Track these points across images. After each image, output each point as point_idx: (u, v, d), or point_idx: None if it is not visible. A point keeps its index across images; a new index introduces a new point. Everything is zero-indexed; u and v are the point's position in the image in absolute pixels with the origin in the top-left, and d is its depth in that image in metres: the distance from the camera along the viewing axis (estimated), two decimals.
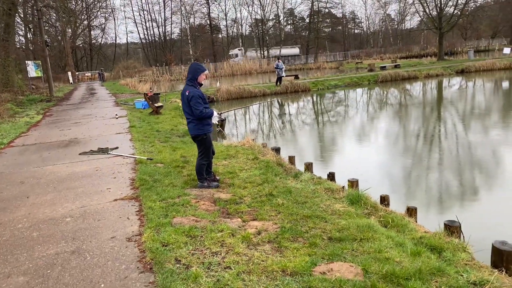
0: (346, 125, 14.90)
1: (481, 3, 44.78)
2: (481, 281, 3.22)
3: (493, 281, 3.20)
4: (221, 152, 8.27)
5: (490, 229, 5.23)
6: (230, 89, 24.72)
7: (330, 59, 61.44)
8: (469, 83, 25.43)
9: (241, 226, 4.43)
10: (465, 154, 9.64)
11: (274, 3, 67.61)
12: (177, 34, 71.93)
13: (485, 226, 5.44)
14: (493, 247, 3.60)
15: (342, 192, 5.55)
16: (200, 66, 5.73)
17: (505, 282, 3.25)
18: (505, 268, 3.46)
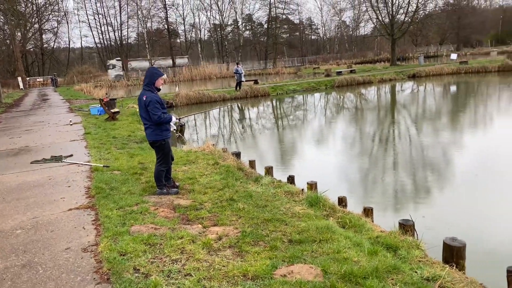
0: (305, 129, 15.15)
1: (429, 11, 46.98)
2: (434, 276, 3.36)
3: (444, 276, 3.35)
4: (181, 157, 8.17)
5: (441, 227, 5.47)
6: (190, 94, 24.49)
7: (288, 64, 62.34)
8: (420, 87, 26.59)
9: (202, 232, 4.39)
10: (418, 155, 10.05)
11: (232, 9, 67.79)
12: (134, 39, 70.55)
13: (437, 224, 5.70)
14: (444, 244, 3.77)
15: (302, 194, 5.64)
16: (157, 70, 5.65)
17: (455, 276, 3.41)
18: (455, 263, 3.63)
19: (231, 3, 66.55)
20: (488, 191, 7.12)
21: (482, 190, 7.20)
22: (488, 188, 7.27)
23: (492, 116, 14.86)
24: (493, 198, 6.78)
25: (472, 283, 3.29)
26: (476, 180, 7.77)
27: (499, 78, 27.00)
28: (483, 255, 4.65)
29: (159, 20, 66.45)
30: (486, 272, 3.79)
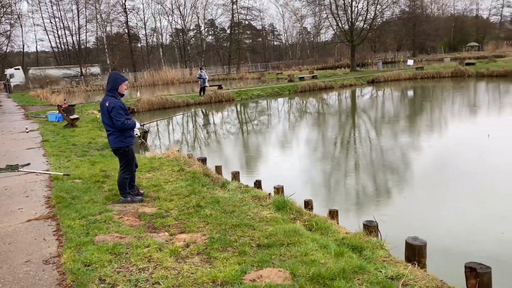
0: (270, 133, 15.28)
1: (387, 18, 48.64)
2: (397, 275, 3.48)
3: (407, 274, 3.47)
4: (144, 164, 8.02)
5: (403, 226, 5.67)
6: (152, 100, 24.11)
7: (251, 69, 62.70)
8: (379, 92, 27.47)
9: (169, 239, 4.33)
10: (378, 158, 10.37)
11: (194, 14, 67.44)
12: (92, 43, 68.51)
13: (399, 224, 5.90)
14: (406, 243, 3.91)
15: (269, 199, 5.68)
16: (120, 75, 5.55)
17: (417, 274, 3.54)
18: (417, 262, 3.77)
19: (193, 8, 66.31)
20: (444, 190, 7.45)
21: (439, 190, 7.52)
22: (444, 188, 7.60)
23: (446, 119, 15.57)
24: (449, 197, 7.09)
25: (433, 280, 3.43)
26: (433, 181, 8.11)
27: (452, 83, 28.35)
28: (443, 252, 4.85)
29: (119, 24, 65.11)
30: (446, 268, 3.97)
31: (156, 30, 69.22)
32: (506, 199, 6.77)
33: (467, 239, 5.46)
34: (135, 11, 65.35)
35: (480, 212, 6.33)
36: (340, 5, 42.73)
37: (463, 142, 11.23)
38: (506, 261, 4.78)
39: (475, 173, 8.34)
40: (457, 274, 3.51)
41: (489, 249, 5.10)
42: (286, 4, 79.05)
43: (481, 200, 6.83)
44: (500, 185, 7.45)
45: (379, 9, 43.63)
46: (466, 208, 6.54)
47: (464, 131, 12.74)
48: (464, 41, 73.46)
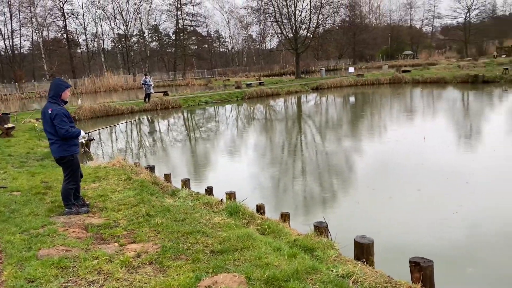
0: (219, 140, 15.26)
1: (328, 27, 50.51)
2: (348, 273, 3.62)
3: (357, 272, 3.62)
4: (89, 174, 7.71)
5: (352, 226, 5.89)
6: (94, 107, 23.22)
7: (198, 76, 62.28)
8: (323, 99, 28.38)
9: (119, 250, 4.20)
10: (324, 161, 10.70)
11: (137, 19, 65.83)
12: (28, 48, 64.80)
13: (348, 224, 6.12)
14: (355, 242, 4.08)
15: (221, 205, 5.68)
16: (63, 82, 5.32)
17: (366, 271, 3.70)
18: (365, 259, 3.94)
19: (136, 14, 64.75)
20: (387, 190, 7.83)
21: (382, 190, 7.89)
22: (387, 188, 7.99)
23: (386, 123, 16.40)
24: (392, 197, 7.47)
25: (381, 276, 3.60)
26: (376, 181, 8.50)
27: (391, 90, 29.93)
28: (389, 249, 5.10)
29: (57, 29, 62.14)
30: (392, 264, 4.17)
31: (97, 35, 66.77)
32: (441, 198, 7.24)
33: (410, 236, 5.78)
34: (74, 15, 62.65)
35: (421, 210, 6.73)
36: (284, 14, 43.75)
37: (402, 144, 11.89)
38: (445, 254, 5.11)
39: (413, 173, 8.85)
40: (403, 269, 3.71)
41: (430, 244, 5.43)
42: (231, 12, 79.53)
43: (420, 198, 7.26)
44: (436, 185, 7.97)
45: (321, 18, 45.22)
46: (408, 207, 6.93)
47: (403, 135, 13.48)
48: (400, 49, 77.91)
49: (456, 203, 6.93)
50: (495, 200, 6.97)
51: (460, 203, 6.90)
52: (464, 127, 14.48)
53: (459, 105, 20.34)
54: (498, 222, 6.10)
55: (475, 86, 27.25)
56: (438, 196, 7.32)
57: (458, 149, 11.08)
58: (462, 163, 9.50)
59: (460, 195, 7.31)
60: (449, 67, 39.33)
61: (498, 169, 8.75)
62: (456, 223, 6.14)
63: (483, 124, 14.87)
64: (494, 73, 30.07)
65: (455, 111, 18.06)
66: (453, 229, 5.93)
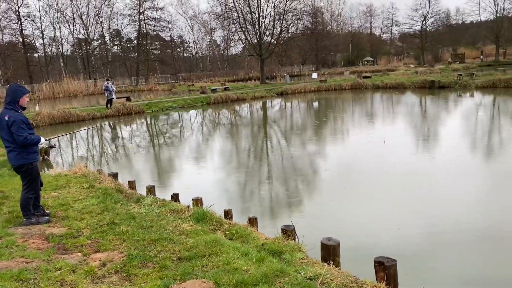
0: (184, 146, 15.11)
1: (291, 34, 51.23)
2: (315, 275, 3.68)
3: (324, 273, 3.69)
4: (49, 183, 7.44)
5: (318, 228, 5.99)
6: (53, 113, 22.41)
7: (161, 81, 61.44)
8: (287, 104, 28.72)
9: (83, 260, 4.08)
10: (290, 165, 10.82)
11: (98, 23, 64.19)
12: None
13: (314, 226, 6.22)
14: (321, 244, 4.15)
15: (188, 211, 5.63)
16: (21, 87, 5.13)
17: (333, 272, 3.78)
18: (332, 261, 4.02)
19: (97, 18, 63.19)
20: (352, 193, 8.04)
21: (347, 192, 8.09)
22: (351, 190, 8.20)
23: (348, 127, 16.81)
24: (356, 198, 7.67)
25: (347, 276, 3.69)
26: (341, 184, 8.70)
27: (352, 95, 30.71)
28: (355, 250, 5.23)
29: (12, 33, 59.56)
30: (358, 265, 4.28)
31: (56, 39, 64.57)
32: (402, 198, 7.51)
33: (375, 236, 5.95)
34: (30, 18, 60.32)
35: (384, 211, 6.94)
36: (248, 20, 44.01)
37: (364, 147, 12.22)
38: (408, 253, 5.30)
39: (375, 175, 9.12)
40: (368, 268, 3.81)
41: (394, 244, 5.61)
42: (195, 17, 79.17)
43: (383, 199, 7.49)
44: (397, 186, 8.25)
45: (285, 25, 45.80)
46: (372, 208, 7.13)
47: (365, 138, 13.86)
48: (361, 55, 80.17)
49: (417, 203, 7.20)
50: (452, 200, 7.30)
51: (420, 203, 7.17)
52: (422, 130, 15.07)
53: (417, 110, 21.15)
54: (455, 220, 6.39)
55: (432, 91, 28.44)
56: (400, 197, 7.59)
57: (417, 151, 11.52)
58: (421, 164, 9.88)
59: (420, 196, 7.60)
60: (407, 73, 40.85)
61: (454, 170, 9.17)
62: (417, 222, 6.37)
63: (440, 127, 15.53)
64: (449, 78, 31.49)
65: (413, 115, 18.77)
66: (414, 228, 6.16)
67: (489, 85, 27.58)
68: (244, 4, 43.64)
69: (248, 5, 43.26)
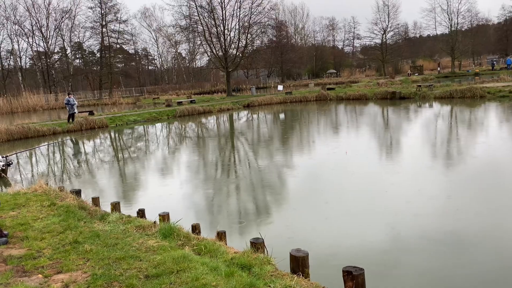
0: (149, 160, 14.84)
1: (257, 47, 51.81)
2: (285, 287, 3.68)
3: (293, 285, 3.69)
4: (7, 201, 7.11)
5: (287, 240, 6.01)
6: (11, 129, 21.54)
7: (126, 94, 60.43)
8: (254, 116, 28.88)
9: (43, 282, 3.90)
10: (257, 177, 10.84)
11: (59, 36, 62.56)
12: None
13: (283, 238, 6.23)
14: (290, 255, 4.16)
15: (154, 227, 5.51)
16: None
17: (303, 284, 3.78)
18: (301, 272, 4.03)
19: (58, 30, 61.60)
20: (318, 203, 8.12)
21: (314, 203, 8.17)
22: (318, 201, 8.29)
23: (314, 138, 17.07)
24: (323, 209, 7.76)
25: (316, 287, 3.71)
26: (308, 195, 8.78)
27: (317, 106, 31.29)
28: (324, 260, 5.27)
29: None
30: (327, 275, 4.32)
31: (14, 52, 62.36)
32: (367, 207, 7.67)
33: (342, 245, 6.02)
34: None
35: (350, 220, 7.05)
36: (214, 33, 44.20)
37: (330, 158, 12.44)
38: (375, 261, 5.39)
39: (341, 185, 9.28)
40: (336, 279, 3.85)
41: (361, 252, 5.70)
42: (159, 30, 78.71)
43: (349, 209, 7.62)
44: (361, 194, 8.42)
45: (250, 38, 46.29)
46: (339, 217, 7.24)
47: (330, 149, 14.11)
48: (324, 68, 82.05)
49: (381, 211, 7.37)
50: (414, 207, 7.52)
51: (384, 211, 7.35)
52: (385, 140, 15.51)
53: (380, 120, 21.79)
54: (418, 227, 6.58)
55: (393, 102, 29.42)
56: (365, 206, 7.74)
57: (380, 160, 11.83)
58: (384, 173, 10.14)
59: (384, 203, 7.78)
60: (369, 85, 42.09)
61: (416, 177, 9.48)
62: (382, 230, 6.51)
63: (402, 137, 16.04)
64: (409, 90, 32.69)
65: (376, 125, 19.31)
66: (380, 236, 6.29)
67: (446, 96, 28.83)
68: (209, 18, 43.85)
69: (213, 18, 43.51)
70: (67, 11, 61.88)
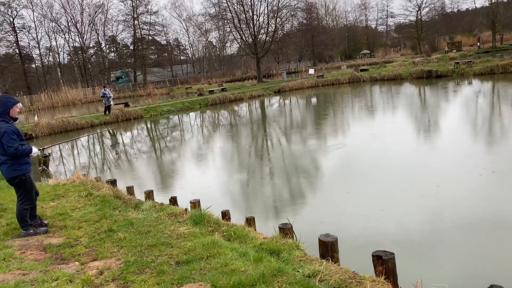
0: (184, 149, 15.08)
1: (287, 31, 51.16)
2: (314, 272, 3.64)
3: (323, 270, 3.65)
4: (47, 193, 7.42)
5: (316, 225, 5.96)
6: (52, 123, 22.42)
7: (159, 85, 61.46)
8: (286, 101, 28.66)
9: (80, 269, 4.05)
10: (290, 163, 10.78)
11: (93, 31, 64.28)
12: None
13: (313, 223, 6.18)
14: (319, 241, 4.11)
15: (186, 214, 5.59)
16: (11, 98, 5.10)
17: (332, 269, 3.73)
18: (330, 257, 3.98)
19: (92, 25, 63.25)
20: (350, 188, 7.98)
21: (345, 188, 8.04)
22: (350, 186, 8.14)
23: (348, 122, 16.75)
24: (355, 194, 7.62)
25: (346, 272, 3.65)
26: (340, 180, 8.65)
27: (350, 89, 30.64)
28: (353, 245, 5.19)
29: (8, 44, 59.61)
30: (357, 260, 4.24)
31: (52, 49, 64.64)
32: (401, 190, 7.46)
33: (373, 230, 5.90)
34: (26, 29, 60.39)
35: (382, 204, 6.89)
36: (243, 19, 43.95)
37: (364, 141, 12.17)
38: (407, 246, 5.26)
39: (375, 168, 9.06)
40: (366, 264, 3.77)
41: (392, 237, 5.57)
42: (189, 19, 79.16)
43: (381, 193, 7.44)
44: (396, 178, 8.20)
45: (279, 22, 45.75)
46: (370, 202, 7.08)
47: (364, 132, 13.80)
48: (357, 49, 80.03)
49: (416, 195, 7.15)
50: (451, 191, 7.24)
51: (419, 195, 7.12)
52: (422, 120, 15.00)
53: (416, 100, 21.07)
54: (455, 212, 6.33)
55: (430, 81, 28.35)
56: (398, 190, 7.54)
57: (418, 142, 11.46)
58: (422, 156, 9.82)
59: (419, 187, 7.54)
60: (404, 64, 40.69)
61: (456, 160, 9.11)
62: (416, 214, 6.33)
63: (440, 117, 15.46)
64: (446, 67, 31.38)
65: (413, 106, 18.69)
66: (413, 221, 6.11)
67: (487, 72, 27.47)
68: (237, 4, 43.62)
69: (242, 4, 43.22)
70: (100, 6, 63.37)
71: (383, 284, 3.38)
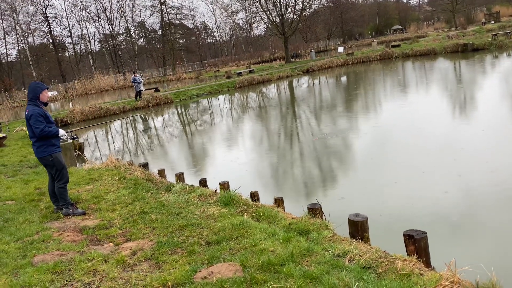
0: (213, 131, 15.19)
1: (314, 9, 50.13)
2: (343, 252, 3.61)
3: (352, 250, 3.61)
4: (83, 177, 7.68)
5: (345, 205, 5.89)
6: (85, 109, 23.05)
7: (188, 69, 61.86)
8: (315, 81, 28.24)
9: (114, 250, 4.18)
10: (320, 144, 10.67)
11: (122, 17, 65.17)
12: (15, 56, 64.18)
13: (342, 203, 6.12)
14: (349, 220, 4.06)
15: (215, 195, 5.66)
16: (40, 84, 5.32)
17: (362, 248, 3.68)
18: (360, 237, 3.93)
19: (120, 12, 64.07)
20: (381, 168, 7.82)
21: (375, 168, 7.89)
22: (380, 166, 7.98)
23: (380, 101, 16.34)
24: (385, 174, 7.46)
25: (376, 251, 3.59)
26: (372, 161, 8.48)
27: (381, 65, 29.79)
28: (384, 225, 5.10)
29: (42, 34, 61.41)
30: (388, 239, 4.17)
31: (83, 37, 66.12)
32: (434, 168, 7.24)
33: (404, 210, 5.78)
34: (58, 19, 61.96)
35: (413, 183, 6.72)
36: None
37: (396, 120, 11.86)
38: (439, 225, 5.12)
39: (407, 147, 8.83)
40: (398, 243, 3.70)
41: (425, 216, 5.43)
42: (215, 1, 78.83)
43: (413, 172, 7.25)
44: (430, 156, 7.96)
45: (307, 0, 44.75)
46: (401, 183, 6.92)
47: (396, 111, 13.44)
48: (388, 24, 77.43)
49: (451, 172, 6.93)
50: (487, 170, 6.96)
51: (455, 172, 6.89)
52: (459, 97, 14.43)
53: (451, 75, 20.27)
54: (492, 191, 6.09)
55: (465, 55, 27.16)
56: (433, 166, 7.32)
57: (453, 120, 11.06)
58: (457, 134, 9.47)
59: (453, 166, 7.29)
60: (438, 38, 39.13)
61: (494, 138, 8.74)
62: (449, 193, 6.13)
63: (478, 93, 14.82)
64: (483, 40, 29.94)
65: (447, 82, 17.99)
66: (446, 200, 5.93)
67: None
68: None
69: None
70: None
71: (415, 263, 3.30)
